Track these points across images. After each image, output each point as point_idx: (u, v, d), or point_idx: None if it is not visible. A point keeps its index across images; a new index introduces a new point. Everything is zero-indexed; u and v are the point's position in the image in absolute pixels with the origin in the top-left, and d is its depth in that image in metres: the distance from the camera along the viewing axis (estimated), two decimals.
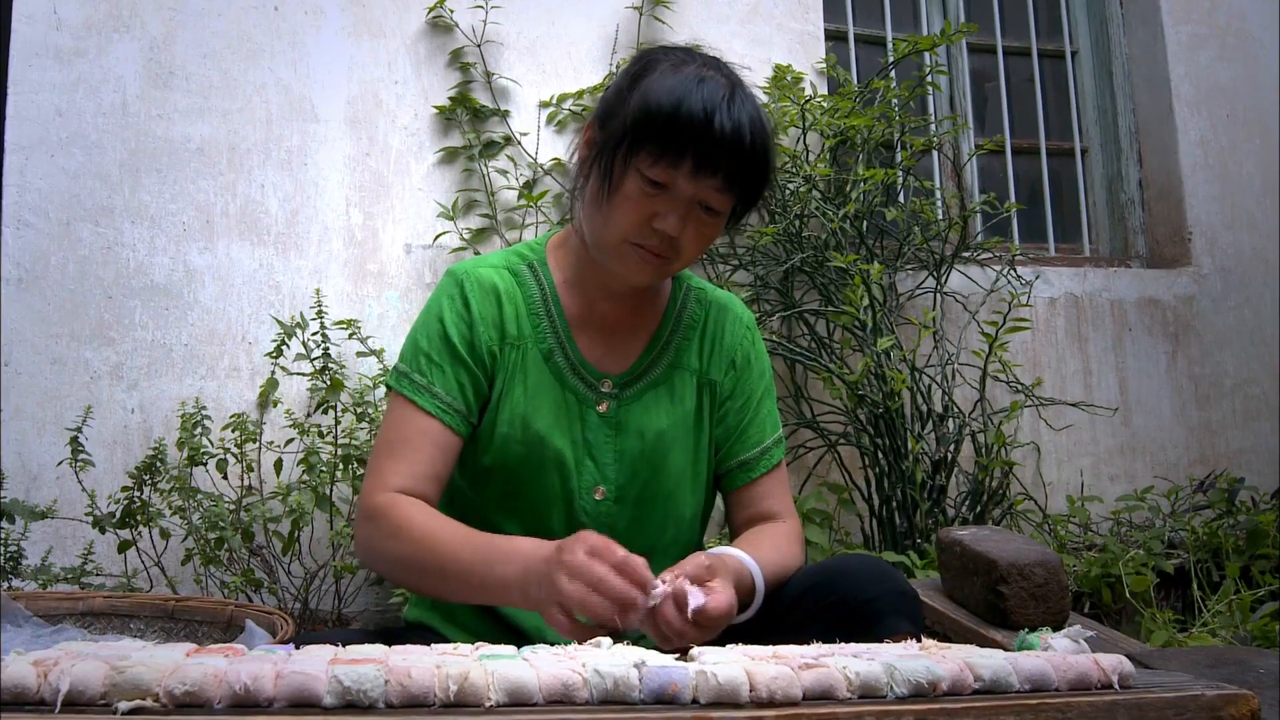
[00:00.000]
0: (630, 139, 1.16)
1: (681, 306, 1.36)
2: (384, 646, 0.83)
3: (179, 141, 2.53)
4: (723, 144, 1.14)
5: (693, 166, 1.14)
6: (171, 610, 1.78)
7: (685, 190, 1.16)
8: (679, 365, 1.33)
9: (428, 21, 2.78)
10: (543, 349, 1.27)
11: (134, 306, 2.45)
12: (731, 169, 1.16)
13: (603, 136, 1.21)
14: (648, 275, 1.23)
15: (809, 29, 3.15)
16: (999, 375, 2.74)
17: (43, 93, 2.43)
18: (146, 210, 2.49)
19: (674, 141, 1.13)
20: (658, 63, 1.21)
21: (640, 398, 1.29)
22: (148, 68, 2.52)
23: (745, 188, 1.19)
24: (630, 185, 1.17)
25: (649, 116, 1.15)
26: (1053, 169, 3.58)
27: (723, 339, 1.36)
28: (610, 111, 1.22)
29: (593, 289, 1.30)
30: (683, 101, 1.13)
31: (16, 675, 0.68)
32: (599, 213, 1.21)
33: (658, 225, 1.17)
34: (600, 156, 1.20)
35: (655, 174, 1.15)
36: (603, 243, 1.22)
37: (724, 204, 1.19)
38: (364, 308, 2.62)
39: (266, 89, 2.62)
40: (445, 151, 2.75)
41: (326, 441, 2.30)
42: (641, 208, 1.17)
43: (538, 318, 1.28)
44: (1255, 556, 2.47)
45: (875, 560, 1.21)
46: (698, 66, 1.19)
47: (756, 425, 1.35)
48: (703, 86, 1.15)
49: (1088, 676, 0.83)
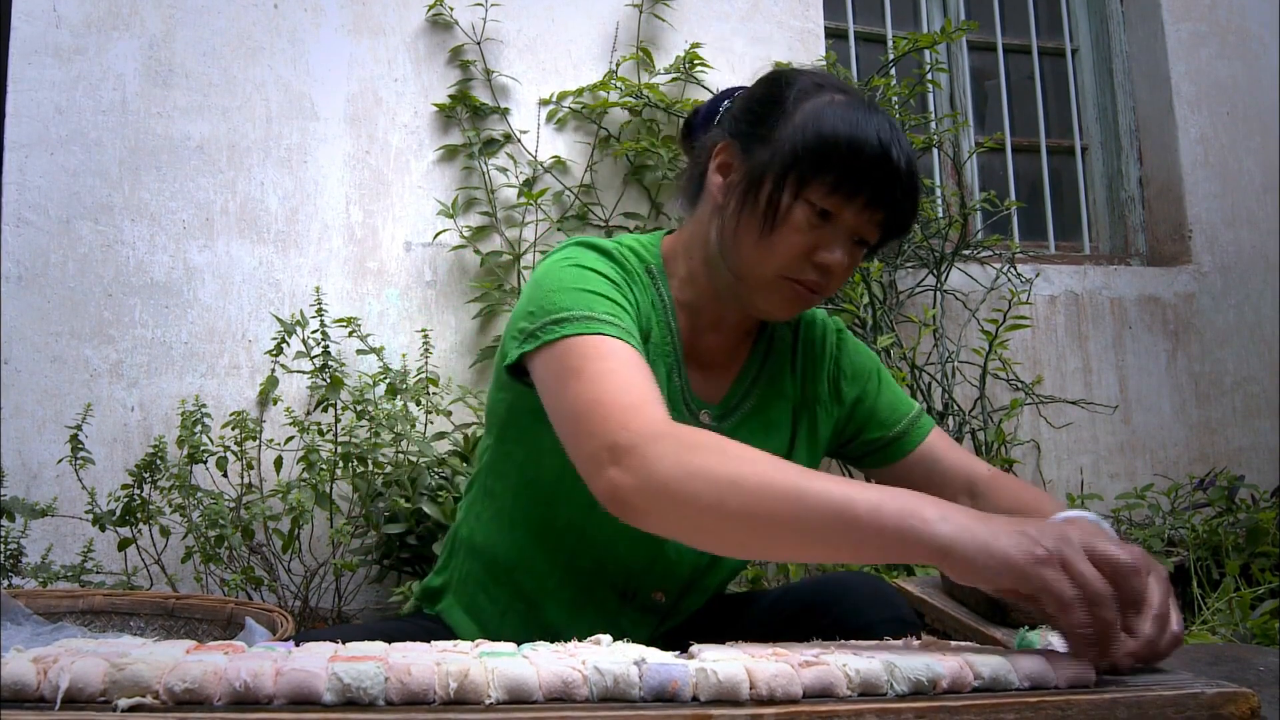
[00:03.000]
0: (802, 167, 1.10)
1: (771, 332, 1.30)
2: (384, 644, 0.83)
3: (179, 139, 2.53)
4: (897, 177, 1.09)
5: (866, 199, 1.10)
6: (171, 608, 1.78)
7: (850, 223, 1.11)
8: (774, 393, 1.27)
9: (427, 19, 2.78)
10: (666, 364, 1.19)
11: (134, 304, 2.45)
12: (896, 204, 1.12)
13: (755, 162, 1.13)
14: (793, 310, 1.17)
15: (809, 26, 3.15)
16: (999, 373, 2.74)
17: (42, 90, 2.43)
18: (146, 208, 2.49)
19: (853, 172, 1.09)
20: (809, 89, 1.15)
21: (736, 431, 1.22)
22: (147, 65, 2.52)
23: (899, 225, 1.15)
24: (798, 216, 1.10)
25: (825, 144, 1.09)
26: (1053, 167, 3.58)
27: (815, 354, 1.31)
28: (760, 136, 1.14)
29: (708, 315, 1.22)
30: (861, 131, 1.09)
31: (16, 673, 0.68)
32: (758, 243, 1.12)
33: (820, 259, 1.11)
34: (758, 183, 1.12)
35: (829, 204, 1.10)
36: (754, 275, 1.14)
37: (876, 238, 1.15)
38: (364, 305, 2.62)
39: (266, 87, 2.62)
40: (445, 149, 2.75)
41: (326, 439, 2.30)
42: (806, 240, 1.11)
43: (665, 329, 1.21)
44: (1255, 554, 2.47)
45: (874, 580, 1.16)
46: (855, 96, 1.15)
47: (884, 406, 1.29)
48: (873, 117, 1.10)
49: (1086, 675, 0.83)
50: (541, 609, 1.21)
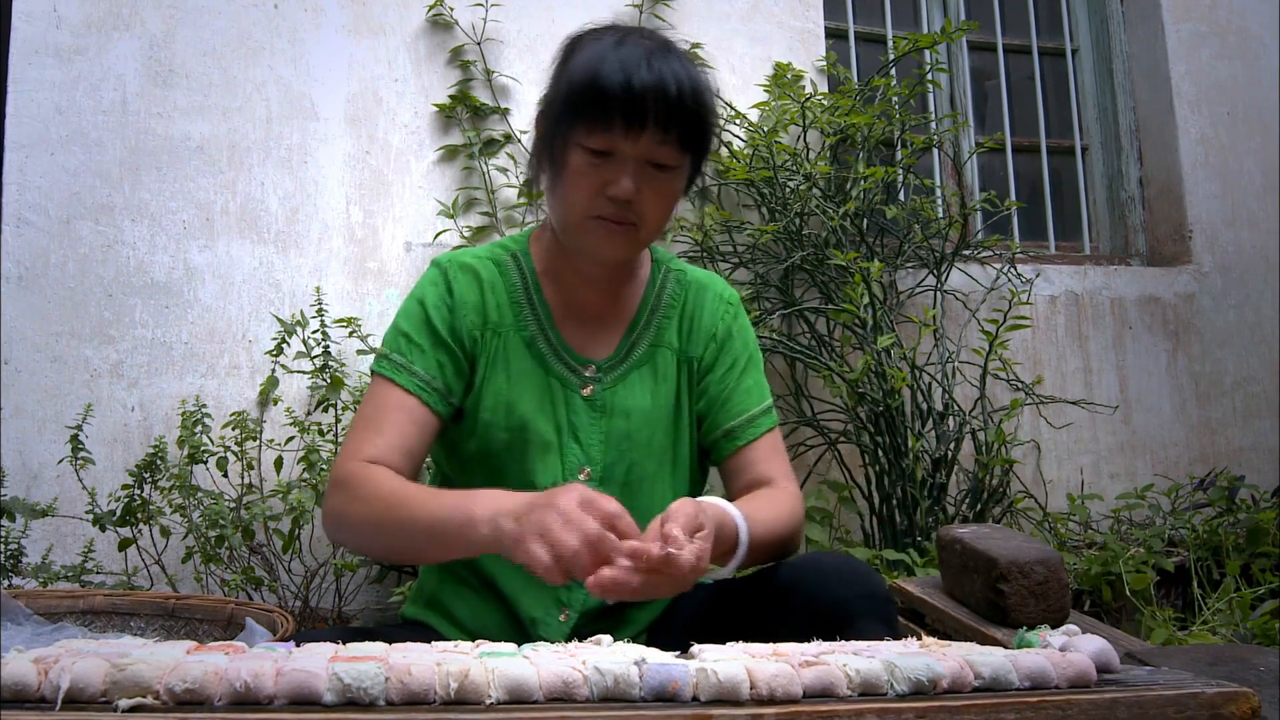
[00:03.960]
0: (563, 118, 1.18)
1: (660, 287, 1.36)
2: (384, 644, 0.83)
3: (179, 139, 2.53)
4: (646, 98, 1.15)
5: (623, 126, 1.15)
6: (172, 608, 1.78)
7: (628, 152, 1.17)
8: (660, 344, 1.34)
9: (428, 19, 2.78)
10: (524, 335, 1.29)
11: (134, 304, 2.45)
12: (664, 121, 1.16)
13: (543, 123, 1.24)
14: (618, 247, 1.24)
15: (809, 27, 3.15)
16: (999, 373, 2.74)
17: (43, 91, 2.43)
18: (146, 208, 2.49)
19: (600, 106, 1.15)
20: (580, 40, 1.25)
21: (624, 379, 1.30)
22: (148, 66, 2.52)
23: (685, 136, 1.19)
24: (575, 161, 1.19)
25: (574, 89, 1.17)
26: (1053, 167, 3.57)
27: (701, 316, 1.36)
28: (548, 98, 1.25)
29: (571, 277, 1.31)
30: (601, 65, 1.16)
31: (17, 673, 0.68)
32: (556, 196, 1.23)
33: (610, 192, 1.18)
34: (544, 142, 1.23)
35: (593, 143, 1.17)
36: (567, 224, 1.24)
37: (671, 157, 1.20)
38: (364, 306, 2.62)
39: (266, 87, 2.62)
40: (445, 149, 2.75)
41: (327, 439, 2.30)
42: (591, 179, 1.18)
43: (519, 305, 1.30)
44: (1255, 554, 2.47)
45: (847, 559, 1.18)
46: (617, 35, 1.21)
47: (740, 394, 1.34)
48: (620, 49, 1.17)
49: (1087, 674, 0.83)
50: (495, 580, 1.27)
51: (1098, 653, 0.87)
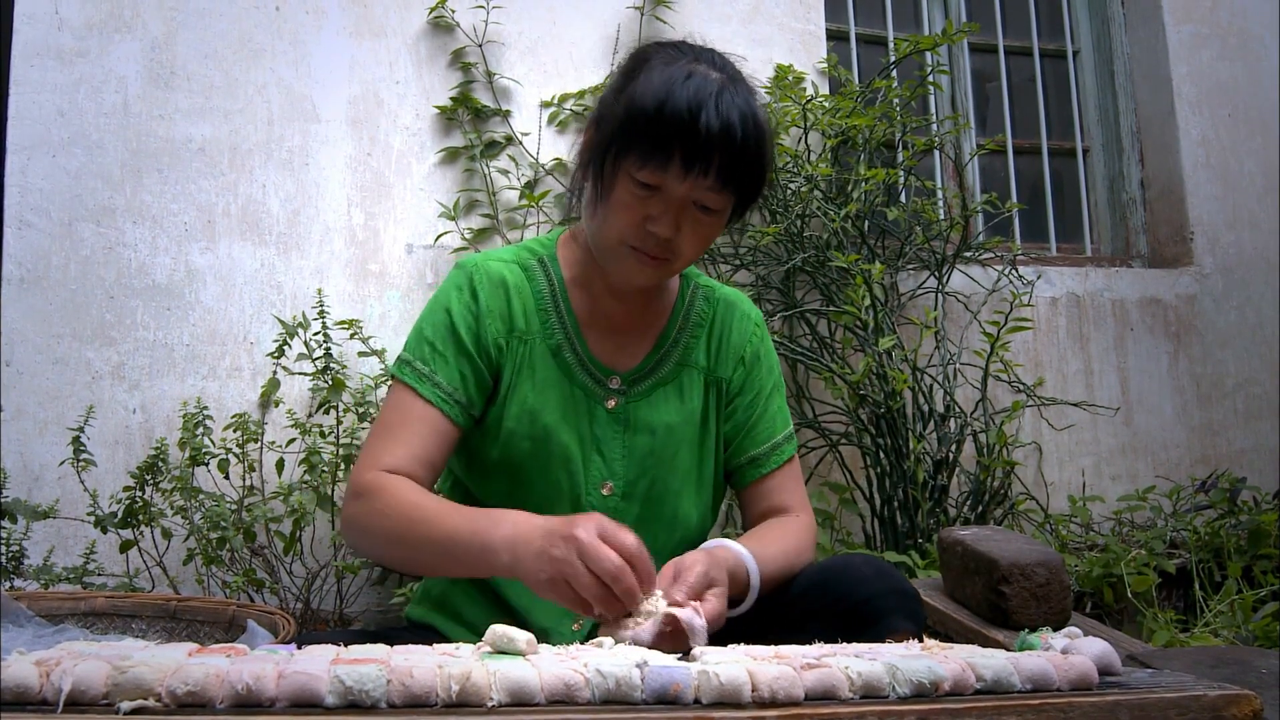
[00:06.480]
0: (618, 142, 1.14)
1: (689, 304, 1.35)
2: (386, 647, 0.83)
3: (180, 141, 2.53)
4: (711, 142, 1.10)
5: (681, 167, 1.12)
6: (173, 610, 1.78)
7: (677, 191, 1.14)
8: (687, 363, 1.32)
9: (429, 21, 2.78)
10: (551, 344, 1.27)
11: (135, 306, 2.45)
12: (723, 167, 1.12)
13: (596, 139, 1.20)
14: (646, 278, 1.22)
15: (810, 29, 3.15)
16: (1000, 375, 2.74)
17: (44, 93, 2.43)
18: (148, 210, 2.49)
19: (660, 142, 1.11)
20: (649, 60, 1.18)
21: (649, 395, 1.29)
22: (149, 68, 2.53)
23: (740, 185, 1.17)
24: (622, 189, 1.15)
25: (634, 118, 1.13)
26: (1054, 168, 3.57)
27: (730, 336, 1.35)
28: (603, 113, 1.20)
29: (599, 288, 1.29)
30: (668, 100, 1.10)
31: (19, 675, 0.68)
32: (595, 214, 1.20)
33: (651, 229, 1.15)
34: (593, 160, 1.19)
35: (644, 176, 1.13)
36: (602, 246, 1.22)
37: (720, 203, 1.17)
38: (365, 308, 2.62)
39: (268, 89, 2.62)
40: (446, 151, 2.75)
41: (328, 441, 2.30)
42: (634, 211, 1.15)
43: (546, 313, 1.27)
44: (1257, 556, 2.47)
45: (876, 560, 1.20)
46: (688, 62, 1.15)
47: (766, 421, 1.34)
48: (690, 83, 1.11)
49: (1089, 676, 0.83)
50: (506, 592, 1.26)
51: (1099, 655, 0.87)
